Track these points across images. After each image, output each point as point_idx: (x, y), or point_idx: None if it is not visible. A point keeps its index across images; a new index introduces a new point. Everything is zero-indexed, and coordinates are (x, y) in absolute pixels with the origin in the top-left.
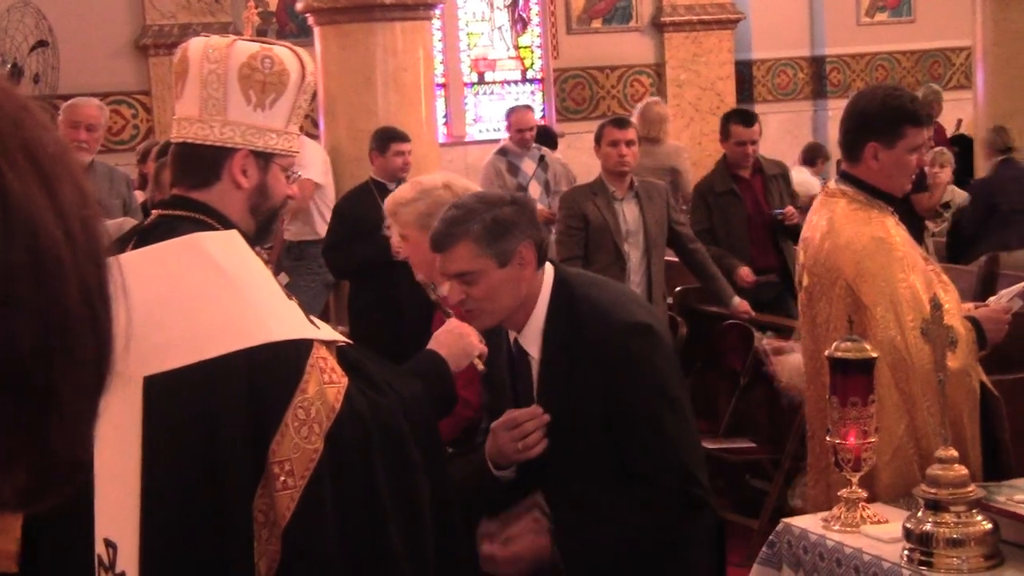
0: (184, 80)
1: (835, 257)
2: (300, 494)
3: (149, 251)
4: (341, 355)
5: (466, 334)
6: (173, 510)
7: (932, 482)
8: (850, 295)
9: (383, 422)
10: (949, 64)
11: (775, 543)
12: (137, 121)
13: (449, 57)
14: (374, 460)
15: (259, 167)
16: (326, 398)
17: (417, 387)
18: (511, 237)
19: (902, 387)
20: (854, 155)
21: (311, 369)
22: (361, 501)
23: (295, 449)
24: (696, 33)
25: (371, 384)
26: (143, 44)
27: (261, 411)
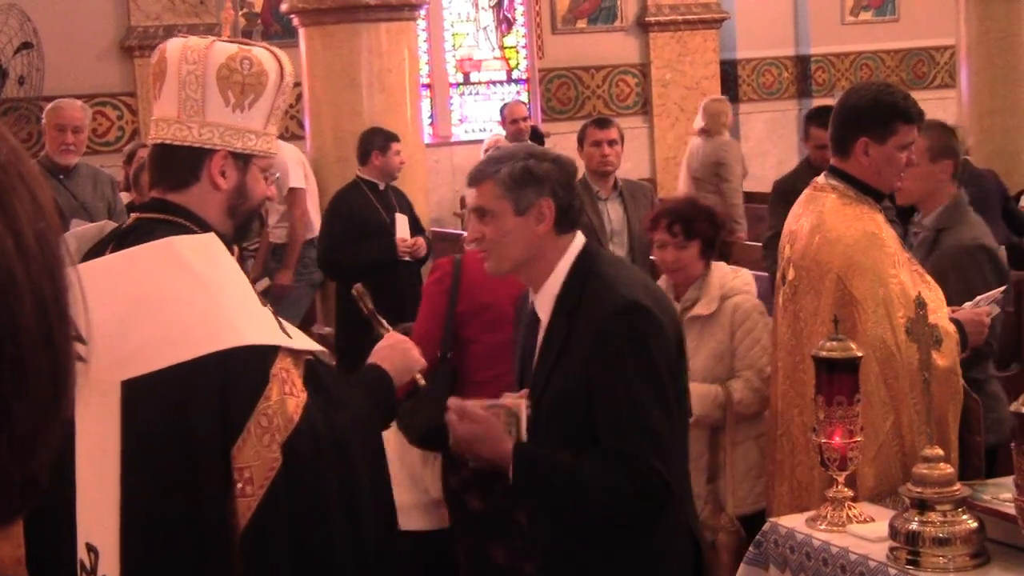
0: (162, 81)
1: (825, 251)
2: (257, 503)
3: (124, 255)
4: (308, 368)
5: (408, 348)
6: (153, 514)
7: (918, 481)
8: (840, 289)
9: (337, 441)
10: (933, 63)
11: (761, 543)
12: (122, 123)
13: (434, 58)
14: (327, 478)
15: (238, 168)
16: (285, 409)
17: (368, 407)
18: (534, 190)
19: (890, 383)
20: (845, 150)
21: (273, 378)
22: (313, 518)
23: (256, 456)
24: (681, 33)
25: (330, 402)
26: (128, 45)
27: (228, 414)
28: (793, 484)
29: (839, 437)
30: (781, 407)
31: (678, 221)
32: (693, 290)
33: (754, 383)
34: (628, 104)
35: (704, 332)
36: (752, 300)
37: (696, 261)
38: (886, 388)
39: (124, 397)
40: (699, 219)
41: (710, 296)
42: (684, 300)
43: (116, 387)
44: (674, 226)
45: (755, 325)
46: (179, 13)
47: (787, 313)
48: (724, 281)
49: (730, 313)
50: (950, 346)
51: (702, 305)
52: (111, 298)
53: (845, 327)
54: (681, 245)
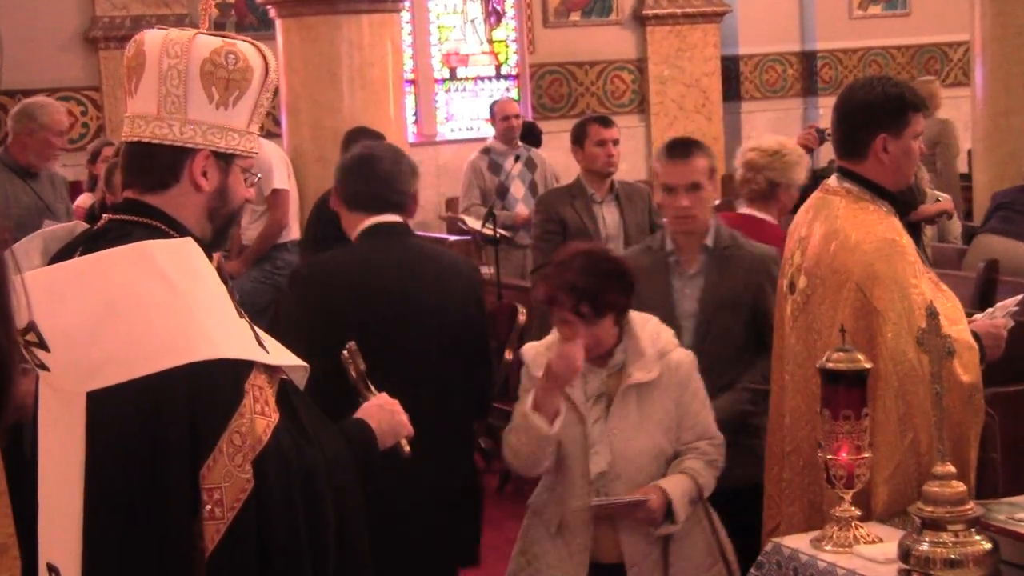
0: (139, 75)
1: (843, 258)
2: (227, 526)
3: (95, 258)
4: (281, 392)
5: (397, 411)
6: (116, 535)
7: (929, 500)
8: (859, 299)
9: (306, 470)
10: (946, 59)
11: (763, 564)
12: (87, 119)
13: (419, 52)
14: (295, 506)
15: (220, 169)
16: (255, 429)
17: (344, 451)
18: None
19: (910, 399)
20: (860, 151)
21: (246, 393)
22: (282, 547)
23: (227, 477)
24: (680, 27)
25: (300, 430)
26: (92, 37)
27: (197, 431)
28: (805, 503)
29: (846, 453)
30: (790, 423)
31: (585, 300)
32: (618, 353)
33: (711, 455)
34: (623, 102)
35: (645, 401)
36: (689, 354)
37: (612, 334)
38: (905, 404)
39: (89, 409)
40: (610, 290)
41: (646, 357)
42: (610, 367)
43: (81, 398)
44: (580, 306)
45: (699, 383)
46: (147, 3)
47: (798, 324)
48: (655, 337)
49: (672, 375)
50: (973, 360)
51: (640, 369)
52: (79, 304)
53: (864, 338)
54: (592, 323)
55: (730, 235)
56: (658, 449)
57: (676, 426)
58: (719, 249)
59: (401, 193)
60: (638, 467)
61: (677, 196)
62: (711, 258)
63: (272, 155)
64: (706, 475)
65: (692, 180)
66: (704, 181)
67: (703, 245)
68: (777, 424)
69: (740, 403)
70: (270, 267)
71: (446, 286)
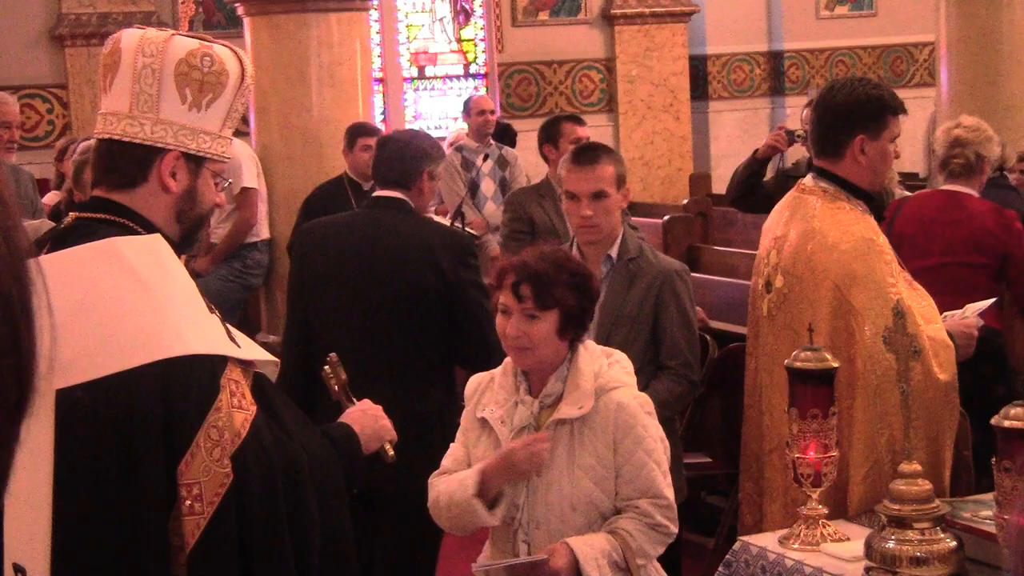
0: (114, 73)
1: (820, 258)
2: (207, 521)
3: (63, 256)
4: (254, 384)
5: (381, 416)
6: (86, 533)
7: (895, 498)
8: (837, 298)
9: (286, 462)
10: (912, 60)
11: (732, 562)
12: (52, 116)
13: (387, 50)
14: (275, 499)
15: (189, 171)
16: (232, 422)
17: (327, 450)
18: None
19: (887, 397)
20: (837, 151)
21: (222, 388)
22: (264, 539)
23: (205, 472)
24: (648, 26)
25: (279, 423)
26: (58, 34)
27: (173, 428)
28: (787, 502)
29: (813, 452)
30: (769, 422)
31: (529, 281)
32: (555, 382)
33: (653, 518)
34: (592, 101)
35: (575, 442)
36: (638, 396)
37: (551, 340)
38: (883, 403)
39: (58, 407)
40: (560, 283)
41: (581, 391)
42: (543, 396)
43: (50, 396)
44: (522, 286)
45: (646, 431)
46: (114, 1)
47: (776, 323)
48: (599, 369)
49: (611, 415)
50: (950, 359)
51: (570, 403)
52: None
53: (842, 337)
54: (531, 314)
55: (638, 247)
56: (586, 499)
57: (614, 477)
58: (624, 261)
59: (402, 172)
60: (560, 516)
61: (580, 204)
62: (615, 270)
63: (241, 154)
64: (641, 539)
65: (596, 188)
66: (610, 190)
67: (607, 256)
68: (754, 423)
69: None
70: (240, 266)
71: (402, 254)
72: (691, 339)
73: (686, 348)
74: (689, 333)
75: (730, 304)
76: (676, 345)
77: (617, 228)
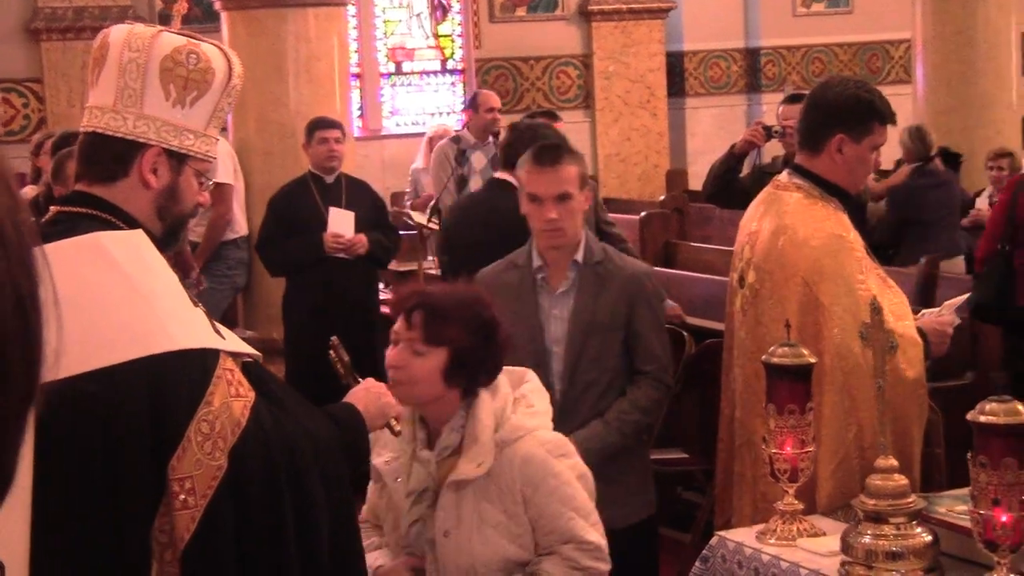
0: (101, 67)
1: (791, 254)
2: (201, 514)
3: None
4: (247, 370)
5: (384, 394)
6: (67, 530)
7: (871, 493)
8: (806, 294)
9: (288, 445)
10: (888, 57)
11: (708, 558)
12: (28, 111)
13: (364, 46)
14: (279, 482)
15: (171, 168)
16: (231, 412)
17: (328, 427)
18: None
19: (854, 393)
20: (817, 145)
21: (217, 380)
22: (264, 525)
23: (197, 465)
24: (625, 23)
25: (278, 405)
26: (34, 28)
27: (162, 424)
28: (756, 496)
29: (790, 447)
30: (741, 416)
31: (423, 310)
32: (449, 433)
33: (579, 563)
34: (569, 97)
35: (480, 500)
36: (547, 441)
37: (433, 382)
38: (850, 398)
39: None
40: (457, 321)
41: (480, 445)
42: (439, 448)
43: None
44: (415, 314)
45: (559, 479)
46: None
47: (747, 318)
48: (500, 417)
49: (516, 471)
50: (918, 355)
51: (469, 460)
52: None
53: (810, 333)
54: (416, 349)
55: (602, 249)
56: (501, 558)
57: (530, 531)
58: (590, 265)
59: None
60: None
61: (544, 207)
62: (582, 275)
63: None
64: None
65: (561, 190)
66: (574, 191)
67: (573, 261)
68: (727, 417)
69: (605, 436)
70: (224, 267)
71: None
72: (664, 343)
73: (660, 352)
74: (662, 337)
75: (706, 300)
76: (651, 350)
77: (580, 231)
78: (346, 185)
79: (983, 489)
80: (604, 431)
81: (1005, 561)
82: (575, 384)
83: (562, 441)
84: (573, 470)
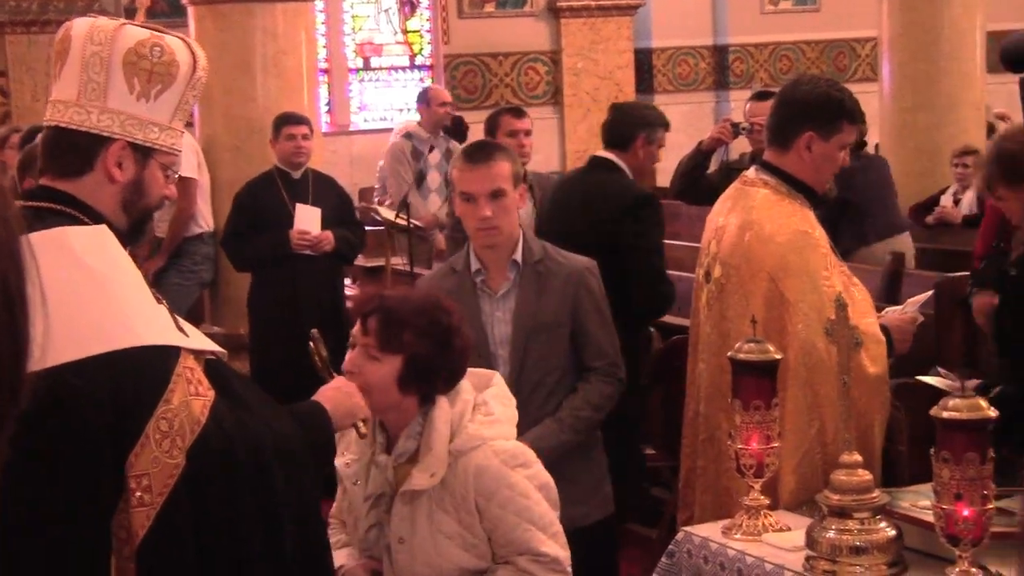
0: (64, 61)
1: (757, 249)
2: (157, 512)
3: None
4: (209, 368)
5: (354, 394)
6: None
7: (836, 488)
8: (771, 290)
9: (250, 444)
10: (855, 55)
11: (674, 553)
12: None
13: (333, 41)
14: (239, 481)
15: (136, 161)
16: (191, 411)
17: (291, 427)
18: None
19: (817, 389)
20: (786, 142)
21: (177, 378)
22: (222, 524)
23: (154, 463)
24: (594, 19)
25: (240, 404)
26: None
27: (123, 419)
28: (719, 490)
29: (756, 443)
30: (705, 410)
31: (379, 315)
32: (406, 440)
33: (537, 573)
34: (538, 93)
35: (435, 509)
36: (503, 450)
37: (388, 389)
38: (813, 394)
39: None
40: (412, 327)
41: (434, 454)
42: (396, 454)
43: None
44: (371, 319)
45: (513, 490)
46: None
47: (713, 313)
48: (457, 426)
49: (470, 481)
50: (881, 352)
51: (422, 470)
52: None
53: (775, 329)
54: (372, 355)
55: (541, 247)
56: (456, 568)
57: (486, 541)
58: (530, 264)
59: (620, 135)
60: None
61: (478, 205)
62: (522, 275)
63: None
64: None
65: (494, 187)
66: (507, 188)
67: (512, 261)
68: (693, 412)
69: (558, 434)
70: (189, 263)
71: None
72: (611, 336)
73: (608, 346)
74: (608, 330)
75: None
76: (599, 345)
77: (517, 230)
78: (313, 181)
79: (945, 484)
80: (557, 429)
81: (967, 555)
82: (522, 386)
83: (520, 450)
84: (532, 480)
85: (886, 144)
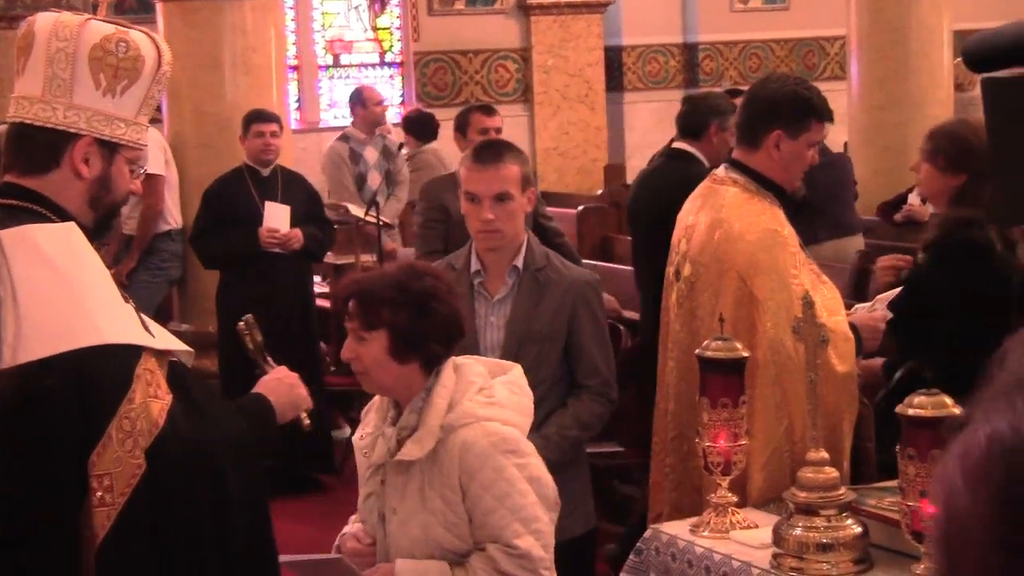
0: (27, 56)
1: (726, 248)
2: (118, 512)
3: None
4: (171, 372)
5: (296, 385)
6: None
7: (803, 485)
8: (740, 288)
9: (207, 448)
10: (824, 54)
11: (643, 550)
12: None
13: (302, 38)
14: (195, 485)
15: (103, 157)
16: (150, 412)
17: (242, 427)
18: None
19: (786, 387)
20: (755, 141)
21: (138, 379)
22: (182, 525)
23: (117, 462)
24: (564, 17)
25: (198, 411)
26: None
27: (87, 418)
28: (689, 488)
29: (723, 440)
30: (674, 408)
31: (355, 298)
32: (409, 414)
33: (499, 565)
34: (508, 91)
35: (425, 483)
36: (495, 433)
37: (384, 363)
38: (782, 392)
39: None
40: (387, 301)
41: (427, 428)
42: (399, 428)
43: None
44: (350, 303)
45: (499, 473)
46: None
47: (682, 311)
48: (455, 401)
49: (456, 456)
50: (849, 350)
51: (415, 441)
52: None
53: (744, 327)
54: (360, 336)
55: (545, 255)
56: (437, 545)
57: (467, 521)
58: (531, 271)
59: (694, 125)
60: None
61: (482, 207)
62: (521, 282)
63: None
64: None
65: (500, 190)
66: (514, 191)
67: (513, 266)
68: (663, 410)
69: (542, 450)
70: (158, 260)
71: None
72: (607, 354)
73: (603, 366)
74: (604, 348)
75: None
76: (594, 364)
77: (521, 235)
78: (282, 178)
79: (911, 481)
80: (542, 445)
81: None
82: None
83: (514, 437)
84: (522, 470)
85: (855, 142)
